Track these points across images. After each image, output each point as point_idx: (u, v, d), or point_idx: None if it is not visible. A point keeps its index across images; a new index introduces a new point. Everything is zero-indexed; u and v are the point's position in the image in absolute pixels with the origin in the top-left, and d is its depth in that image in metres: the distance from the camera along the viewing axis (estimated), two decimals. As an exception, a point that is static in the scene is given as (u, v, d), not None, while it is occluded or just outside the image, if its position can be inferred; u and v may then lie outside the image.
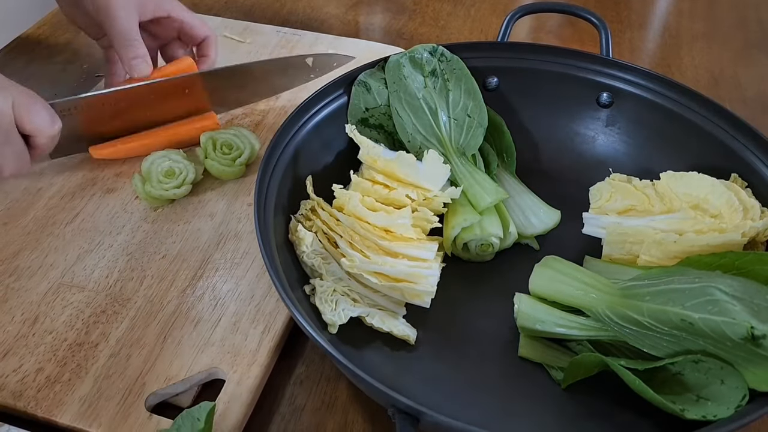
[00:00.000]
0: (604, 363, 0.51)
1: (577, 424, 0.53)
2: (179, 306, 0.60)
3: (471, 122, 0.67)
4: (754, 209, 0.58)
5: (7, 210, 0.68)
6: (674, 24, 1.08)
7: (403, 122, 0.67)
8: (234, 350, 0.56)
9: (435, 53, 0.69)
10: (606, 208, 0.63)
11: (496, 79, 0.73)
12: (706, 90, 0.91)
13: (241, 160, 0.71)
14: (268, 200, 0.58)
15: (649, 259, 0.58)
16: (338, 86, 0.68)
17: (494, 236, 0.62)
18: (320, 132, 0.66)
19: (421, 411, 0.43)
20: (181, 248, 0.65)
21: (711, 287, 0.48)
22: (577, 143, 0.73)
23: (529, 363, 0.57)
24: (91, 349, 0.56)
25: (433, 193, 0.61)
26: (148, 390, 0.53)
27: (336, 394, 0.57)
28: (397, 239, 0.59)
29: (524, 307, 0.56)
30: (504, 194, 0.63)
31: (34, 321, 0.58)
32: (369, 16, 1.07)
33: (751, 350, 0.46)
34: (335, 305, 0.56)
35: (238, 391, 0.54)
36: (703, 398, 0.48)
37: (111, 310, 0.59)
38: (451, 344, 0.58)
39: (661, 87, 0.68)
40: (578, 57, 0.71)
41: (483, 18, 1.07)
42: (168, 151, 0.70)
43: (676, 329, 0.48)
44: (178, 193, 0.68)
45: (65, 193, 0.70)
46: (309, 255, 0.58)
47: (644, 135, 0.70)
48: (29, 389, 0.53)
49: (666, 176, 0.62)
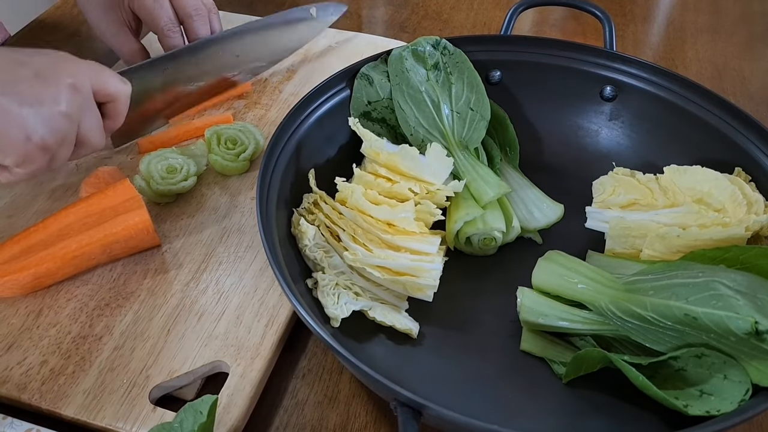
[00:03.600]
0: (607, 359, 0.51)
1: (579, 419, 0.53)
2: (183, 299, 0.60)
3: (474, 116, 0.67)
4: (758, 203, 0.58)
5: (11, 202, 0.68)
6: (678, 17, 1.07)
7: (405, 115, 0.67)
8: (237, 343, 0.56)
9: (438, 46, 0.69)
10: (609, 202, 0.62)
11: (499, 73, 0.73)
12: (710, 83, 0.91)
13: (245, 156, 0.71)
14: (271, 194, 0.58)
15: (652, 254, 0.58)
16: (340, 79, 0.68)
17: (497, 230, 0.62)
18: (323, 125, 0.66)
19: (424, 404, 0.43)
20: (185, 242, 0.65)
21: (715, 282, 0.48)
22: (581, 137, 0.73)
23: (531, 357, 0.57)
24: (95, 341, 0.56)
25: (436, 186, 0.61)
26: (151, 383, 0.54)
27: (338, 388, 0.57)
28: (400, 233, 0.59)
29: (527, 301, 0.56)
30: (507, 188, 0.63)
31: (38, 314, 0.58)
32: (372, 9, 1.07)
33: (754, 345, 0.46)
34: (337, 299, 0.56)
35: (241, 384, 0.54)
36: (706, 393, 0.48)
37: (115, 303, 0.59)
38: (454, 338, 0.58)
39: (665, 80, 0.68)
40: (582, 50, 0.71)
41: (486, 11, 1.06)
42: (162, 150, 0.70)
43: (679, 324, 0.48)
44: (187, 186, 0.68)
45: (69, 186, 0.70)
46: (311, 248, 0.58)
47: (648, 129, 0.70)
48: (33, 382, 0.53)
49: (669, 170, 0.62)
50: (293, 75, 0.86)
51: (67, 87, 0.56)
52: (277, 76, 0.86)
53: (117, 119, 0.64)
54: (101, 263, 0.62)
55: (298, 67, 0.87)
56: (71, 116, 0.57)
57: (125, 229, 0.60)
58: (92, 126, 0.60)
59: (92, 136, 0.60)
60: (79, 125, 0.58)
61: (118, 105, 0.62)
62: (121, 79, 0.62)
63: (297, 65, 0.87)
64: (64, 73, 0.56)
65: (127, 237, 0.61)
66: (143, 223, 0.61)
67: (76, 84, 0.57)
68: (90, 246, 0.59)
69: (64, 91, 0.56)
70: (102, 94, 0.60)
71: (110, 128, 0.64)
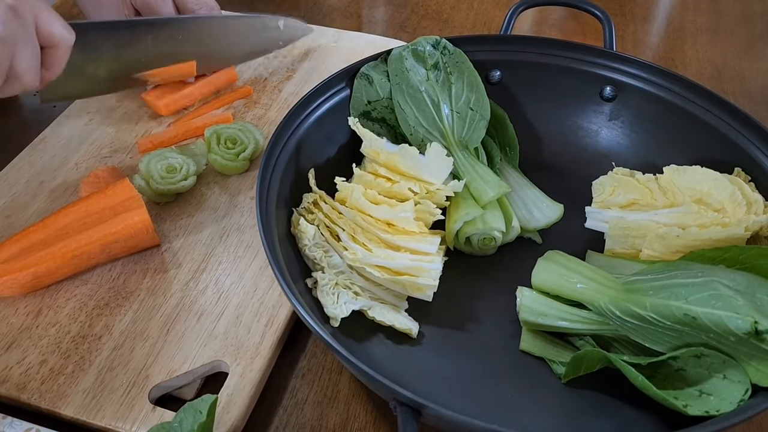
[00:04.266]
0: (607, 359, 0.51)
1: (579, 418, 0.53)
2: (182, 299, 0.60)
3: (474, 115, 0.67)
4: (758, 203, 0.58)
5: (10, 202, 0.68)
6: (678, 17, 1.07)
7: (405, 115, 0.67)
8: (237, 343, 0.56)
9: (438, 46, 0.69)
10: (609, 202, 0.62)
11: (499, 73, 0.73)
12: (710, 83, 0.91)
13: (245, 155, 0.71)
14: (270, 193, 0.58)
15: (652, 254, 0.58)
16: (340, 79, 0.68)
17: (497, 230, 0.62)
18: (322, 125, 0.66)
19: (423, 404, 0.43)
20: (185, 241, 0.65)
21: (714, 281, 0.48)
22: (581, 137, 0.73)
23: (530, 357, 0.57)
24: (95, 341, 0.56)
25: (435, 186, 0.61)
26: (151, 382, 0.54)
27: (338, 387, 0.57)
28: (400, 232, 0.59)
29: (527, 301, 0.56)
30: (507, 188, 0.63)
31: (37, 313, 0.58)
32: (371, 9, 1.07)
33: (754, 345, 0.46)
34: (337, 298, 0.56)
35: (241, 383, 0.54)
36: (706, 393, 0.48)
37: (114, 303, 0.59)
38: (453, 338, 0.58)
39: (665, 80, 0.68)
40: (581, 50, 0.71)
41: (486, 11, 1.06)
42: (161, 149, 0.70)
43: (678, 324, 0.48)
44: (186, 185, 0.68)
45: (68, 185, 0.70)
46: (311, 248, 0.58)
47: (647, 129, 0.70)
48: (33, 381, 0.53)
49: (669, 170, 0.62)
50: (293, 74, 0.86)
51: (5, 8, 0.52)
52: (277, 76, 0.86)
53: (54, 68, 0.60)
54: (101, 263, 0.62)
55: (297, 66, 0.87)
56: (5, 41, 0.53)
57: (125, 229, 0.60)
58: (27, 61, 0.55)
59: (26, 73, 0.56)
60: (14, 56, 0.54)
61: (58, 52, 0.58)
62: (65, 26, 0.58)
63: (296, 65, 0.87)
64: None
65: (127, 236, 0.61)
66: (143, 223, 0.61)
67: (18, 8, 0.53)
68: (89, 245, 0.59)
69: (2, 10, 0.52)
70: (44, 34, 0.56)
71: (46, 78, 0.60)
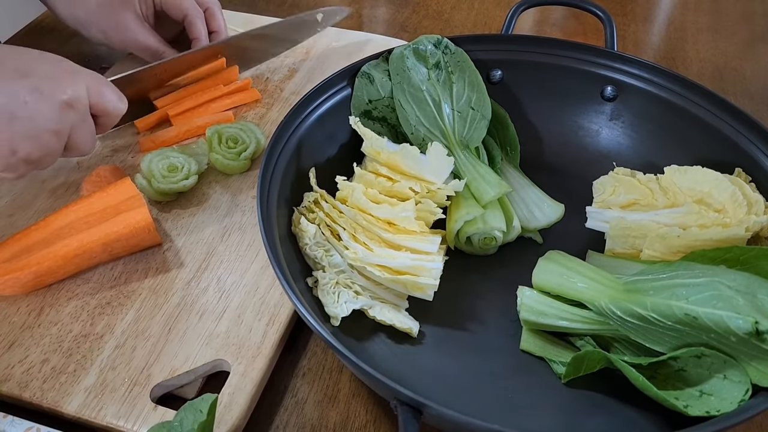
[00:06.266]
0: (607, 359, 0.51)
1: (579, 418, 0.53)
2: (184, 298, 0.60)
3: (475, 115, 0.67)
4: (759, 204, 0.58)
5: (12, 201, 0.68)
6: (679, 17, 1.07)
7: (406, 114, 0.67)
8: (239, 342, 0.57)
9: (439, 45, 0.69)
10: (609, 202, 0.63)
11: (500, 72, 0.73)
12: (710, 83, 0.91)
13: (246, 155, 0.71)
14: (271, 192, 0.58)
15: (653, 254, 0.58)
16: (341, 78, 0.68)
17: (497, 230, 0.62)
18: (323, 124, 0.66)
19: (424, 403, 0.43)
20: (186, 241, 0.65)
21: (715, 282, 0.48)
22: (581, 137, 0.73)
23: (531, 357, 0.57)
24: (97, 340, 0.56)
25: (436, 185, 0.61)
26: (153, 381, 0.54)
27: (338, 387, 0.57)
28: (401, 232, 0.59)
29: (527, 301, 0.56)
30: (507, 188, 0.63)
31: (39, 312, 0.58)
32: (372, 8, 1.07)
33: (755, 345, 0.46)
34: (338, 297, 0.56)
35: (242, 383, 0.54)
36: (706, 393, 0.48)
37: (116, 302, 0.59)
38: (454, 337, 0.58)
39: (666, 80, 0.68)
40: (583, 50, 0.71)
41: (487, 10, 1.06)
42: (163, 149, 0.70)
43: (679, 324, 0.48)
44: (188, 184, 0.68)
45: (70, 184, 0.70)
46: (312, 247, 0.58)
47: (648, 129, 0.70)
48: (35, 380, 0.54)
49: (670, 170, 0.62)
50: (294, 74, 0.86)
51: (61, 105, 0.57)
52: (279, 75, 0.86)
53: (104, 129, 0.65)
54: (102, 262, 0.62)
55: (299, 66, 0.87)
56: (60, 133, 0.58)
57: (126, 228, 0.60)
58: (84, 136, 0.61)
59: (83, 145, 0.62)
60: (69, 136, 0.60)
61: (110, 120, 0.64)
62: (120, 98, 0.63)
63: (298, 64, 0.87)
64: (63, 88, 0.57)
65: (129, 236, 0.61)
66: (144, 222, 0.61)
67: (72, 101, 0.58)
68: (91, 244, 0.59)
69: (57, 109, 0.57)
70: (98, 108, 0.62)
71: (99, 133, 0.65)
